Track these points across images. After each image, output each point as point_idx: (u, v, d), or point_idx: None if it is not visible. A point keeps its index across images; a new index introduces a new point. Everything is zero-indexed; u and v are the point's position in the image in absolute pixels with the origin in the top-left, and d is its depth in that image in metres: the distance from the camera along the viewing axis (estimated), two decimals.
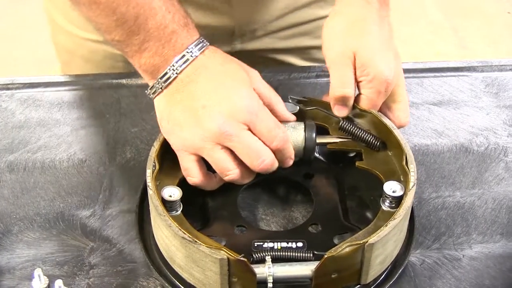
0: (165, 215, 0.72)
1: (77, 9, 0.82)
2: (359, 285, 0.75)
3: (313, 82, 1.06)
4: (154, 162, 0.78)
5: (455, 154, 0.95)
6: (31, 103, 1.02)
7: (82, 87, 1.05)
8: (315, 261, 0.71)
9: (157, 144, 0.80)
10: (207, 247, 0.69)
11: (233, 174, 0.77)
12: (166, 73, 0.78)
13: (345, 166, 0.87)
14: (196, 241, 0.69)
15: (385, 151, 0.83)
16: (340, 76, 0.83)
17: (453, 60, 1.13)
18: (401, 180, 0.79)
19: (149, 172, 0.77)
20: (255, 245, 0.76)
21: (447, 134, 0.98)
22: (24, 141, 0.96)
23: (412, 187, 0.75)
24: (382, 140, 0.84)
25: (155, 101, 0.81)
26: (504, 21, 2.96)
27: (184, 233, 0.70)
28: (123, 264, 0.80)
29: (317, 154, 0.88)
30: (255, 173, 0.79)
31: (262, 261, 0.72)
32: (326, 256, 0.69)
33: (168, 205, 0.75)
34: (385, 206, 0.77)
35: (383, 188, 0.77)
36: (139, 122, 0.99)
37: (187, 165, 0.78)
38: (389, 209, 0.76)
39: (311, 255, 0.74)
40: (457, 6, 2.96)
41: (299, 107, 0.87)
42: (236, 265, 0.69)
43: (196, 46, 0.79)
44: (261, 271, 0.70)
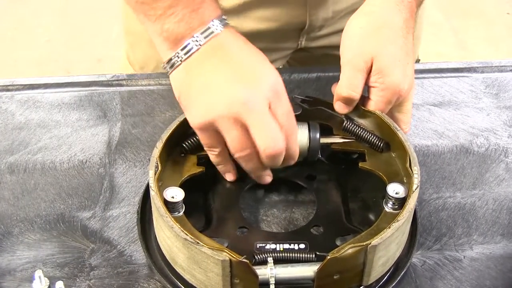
0: (167, 216, 0.72)
1: None
2: (361, 287, 0.75)
3: (314, 82, 1.06)
4: (156, 163, 0.78)
5: (456, 155, 0.95)
6: (31, 104, 1.02)
7: (82, 88, 1.05)
8: (317, 262, 0.71)
9: (159, 145, 0.79)
10: (209, 248, 0.69)
11: (243, 153, 0.75)
12: (188, 44, 0.75)
13: (348, 167, 0.87)
14: (198, 243, 0.69)
15: (388, 152, 0.83)
16: (350, 77, 0.83)
17: (453, 61, 1.13)
18: (404, 182, 0.79)
19: (151, 173, 0.76)
20: (257, 247, 0.76)
21: (448, 135, 0.98)
22: (24, 142, 0.96)
23: (415, 189, 0.75)
24: (385, 141, 0.84)
25: (172, 76, 0.78)
26: (504, 22, 2.96)
27: (186, 234, 0.70)
28: (124, 265, 0.79)
29: (319, 155, 0.88)
30: (260, 163, 0.76)
31: (264, 262, 0.72)
32: (328, 257, 0.69)
33: (170, 206, 0.75)
34: (388, 207, 0.77)
35: (386, 189, 0.77)
36: (140, 123, 0.99)
37: (209, 139, 0.77)
38: (392, 211, 0.76)
39: (314, 256, 0.74)
40: (457, 7, 2.96)
41: (302, 107, 0.87)
42: (238, 267, 0.69)
43: (220, 21, 0.76)
44: (263, 272, 0.70)
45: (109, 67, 2.62)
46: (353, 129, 0.84)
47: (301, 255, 0.74)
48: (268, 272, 0.70)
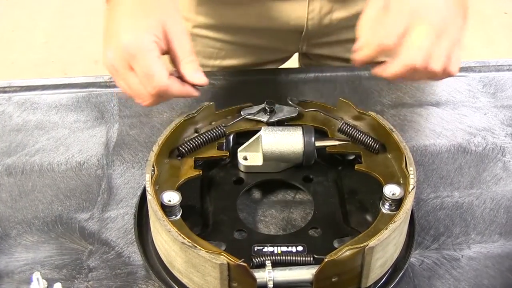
0: (164, 220, 0.72)
1: None
2: None
3: (311, 83, 1.06)
4: (153, 166, 0.77)
5: (453, 154, 0.95)
6: (29, 106, 1.02)
7: (79, 89, 1.05)
8: (315, 265, 0.71)
9: (156, 148, 0.79)
10: (207, 252, 0.69)
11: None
12: None
13: (344, 169, 0.87)
14: (195, 246, 0.69)
15: (384, 154, 0.83)
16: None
17: None
18: (401, 182, 0.79)
19: (148, 176, 0.76)
20: (255, 250, 0.76)
21: (445, 134, 0.98)
22: (21, 144, 0.96)
23: (412, 189, 0.75)
24: (381, 142, 0.84)
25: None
26: (501, 22, 2.96)
27: (183, 238, 0.70)
28: (122, 267, 0.79)
29: (316, 157, 0.87)
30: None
31: (262, 265, 0.72)
32: (326, 260, 0.69)
33: (167, 210, 0.75)
34: (385, 209, 0.77)
35: (382, 190, 0.77)
36: (137, 124, 0.98)
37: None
38: (389, 212, 0.76)
39: (311, 259, 0.74)
40: None
41: (298, 109, 0.87)
42: (236, 270, 0.68)
43: None
44: (261, 275, 0.70)
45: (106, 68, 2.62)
46: (348, 131, 0.85)
47: (299, 258, 0.74)
48: (266, 275, 0.70)
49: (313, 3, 1.06)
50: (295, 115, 0.87)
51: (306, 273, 0.71)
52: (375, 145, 0.83)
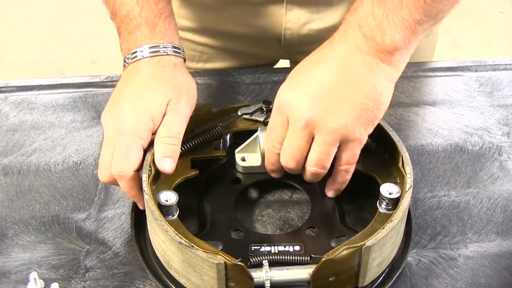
0: (161, 220, 0.72)
1: None
2: None
3: None
4: (150, 166, 0.77)
5: (450, 153, 0.95)
6: (25, 106, 1.02)
7: (76, 89, 1.05)
8: (312, 264, 0.71)
9: (152, 149, 0.79)
10: (204, 251, 0.69)
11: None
12: (124, 59, 0.84)
13: None
14: (193, 246, 0.69)
15: (381, 153, 0.83)
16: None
17: (447, 60, 1.13)
18: (398, 182, 0.79)
19: (145, 176, 0.76)
20: (252, 249, 0.76)
21: (442, 134, 0.98)
22: (18, 144, 0.96)
23: (408, 189, 0.75)
24: (378, 142, 0.83)
25: None
26: (497, 21, 2.97)
27: (180, 237, 0.70)
28: (119, 266, 0.79)
29: None
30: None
31: (259, 265, 0.72)
32: (323, 259, 0.69)
33: (164, 209, 0.75)
34: (382, 208, 0.77)
35: (379, 190, 0.77)
36: None
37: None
38: (385, 211, 0.76)
39: (309, 258, 0.74)
40: None
41: None
42: (233, 270, 0.68)
43: (150, 48, 0.82)
44: (258, 275, 0.70)
45: (103, 68, 2.62)
46: None
47: (296, 258, 0.74)
48: (263, 275, 0.70)
49: (290, 13, 1.07)
50: None
51: (303, 273, 0.71)
52: (372, 144, 0.83)
